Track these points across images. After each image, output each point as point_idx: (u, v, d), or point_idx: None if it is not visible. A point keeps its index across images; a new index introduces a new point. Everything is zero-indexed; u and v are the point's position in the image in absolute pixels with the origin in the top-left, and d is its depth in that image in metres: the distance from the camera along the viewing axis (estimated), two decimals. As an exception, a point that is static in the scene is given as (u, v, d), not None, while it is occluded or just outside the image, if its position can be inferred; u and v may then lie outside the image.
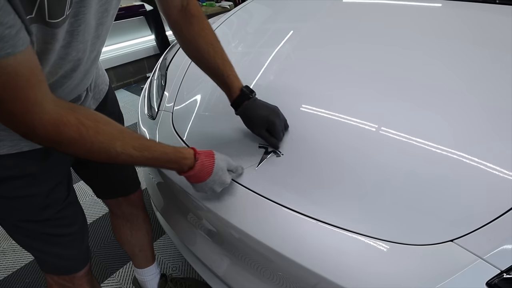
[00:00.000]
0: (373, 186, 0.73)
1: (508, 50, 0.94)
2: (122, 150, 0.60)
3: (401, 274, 0.60)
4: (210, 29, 0.86)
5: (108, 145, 0.59)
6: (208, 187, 0.75)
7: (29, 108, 0.49)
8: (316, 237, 0.68)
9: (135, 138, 0.64)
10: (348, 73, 1.02)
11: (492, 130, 0.76)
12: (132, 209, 1.13)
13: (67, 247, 0.83)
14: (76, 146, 0.56)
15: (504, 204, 0.63)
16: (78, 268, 0.88)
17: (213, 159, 0.75)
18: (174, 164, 0.71)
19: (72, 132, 0.54)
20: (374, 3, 1.38)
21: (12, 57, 0.44)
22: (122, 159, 0.62)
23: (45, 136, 0.53)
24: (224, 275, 0.91)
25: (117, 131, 0.61)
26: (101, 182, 1.04)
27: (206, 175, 0.73)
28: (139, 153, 0.63)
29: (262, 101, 0.88)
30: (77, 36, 0.58)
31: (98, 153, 0.59)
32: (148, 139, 0.68)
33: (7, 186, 0.69)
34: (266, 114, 0.84)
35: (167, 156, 0.69)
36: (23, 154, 0.68)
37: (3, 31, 0.42)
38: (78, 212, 0.86)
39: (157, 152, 0.67)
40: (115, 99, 1.01)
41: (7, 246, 1.70)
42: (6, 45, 0.43)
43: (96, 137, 0.57)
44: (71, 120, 0.54)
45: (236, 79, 0.87)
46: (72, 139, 0.55)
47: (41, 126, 0.51)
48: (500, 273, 0.55)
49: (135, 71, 3.70)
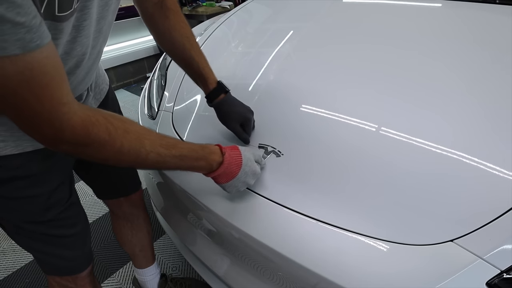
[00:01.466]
0: (373, 186, 0.73)
1: (508, 50, 0.94)
2: (151, 148, 0.58)
3: (401, 274, 0.60)
4: (185, 23, 0.86)
5: (138, 144, 0.57)
6: (241, 181, 0.73)
7: (56, 108, 0.46)
8: (316, 237, 0.68)
9: (160, 137, 0.62)
10: (348, 73, 1.02)
11: (492, 130, 0.76)
12: (133, 209, 1.13)
13: (70, 248, 0.83)
14: (106, 148, 0.53)
15: (504, 204, 0.63)
16: (81, 269, 0.88)
17: (239, 150, 0.73)
18: (203, 160, 0.67)
19: (101, 132, 0.52)
20: (374, 3, 1.38)
21: (38, 51, 0.42)
22: (151, 159, 0.59)
23: (73, 138, 0.50)
24: (224, 275, 0.91)
25: (143, 129, 0.59)
26: (102, 182, 1.04)
27: (236, 168, 0.71)
28: (167, 151, 0.61)
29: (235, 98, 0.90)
30: (82, 31, 0.58)
31: (128, 154, 0.56)
32: (172, 137, 0.66)
33: (10, 186, 0.69)
34: (243, 111, 0.87)
35: (195, 153, 0.66)
36: (26, 155, 0.68)
37: (30, 21, 0.40)
38: (80, 213, 0.86)
39: (184, 149, 0.65)
40: (115, 99, 1.01)
41: (7, 246, 1.70)
42: (35, 36, 0.41)
43: (125, 136, 0.55)
44: (99, 119, 0.52)
45: (212, 73, 0.89)
46: (102, 140, 0.52)
47: (69, 127, 0.48)
48: (500, 273, 0.55)
49: (135, 71, 3.70)
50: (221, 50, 1.35)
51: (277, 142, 0.87)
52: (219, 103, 0.88)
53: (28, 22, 0.39)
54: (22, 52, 0.40)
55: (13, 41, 0.39)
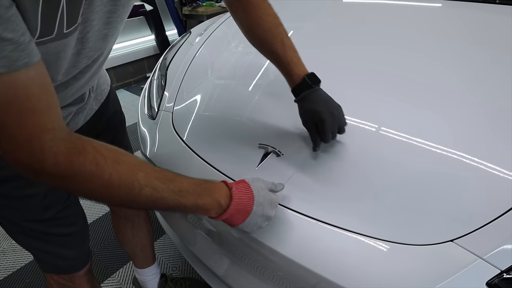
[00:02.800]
0: (373, 186, 0.73)
1: (508, 50, 0.94)
2: (145, 182, 0.51)
3: (401, 274, 0.60)
4: (267, 14, 0.80)
5: (130, 176, 0.50)
6: (259, 215, 0.63)
7: (38, 134, 0.42)
8: (316, 237, 0.68)
9: (157, 170, 0.55)
10: (349, 73, 1.02)
11: (492, 130, 0.76)
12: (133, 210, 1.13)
13: (68, 246, 0.83)
14: (92, 180, 0.47)
15: (504, 204, 0.63)
16: (78, 268, 0.88)
17: (246, 182, 0.63)
18: (207, 196, 0.58)
19: (87, 162, 0.46)
20: (374, 3, 1.38)
21: (24, 70, 0.38)
22: (145, 193, 0.51)
23: (55, 169, 0.44)
24: (224, 275, 0.91)
25: (137, 161, 0.52)
26: None
27: (249, 201, 0.61)
28: (164, 186, 0.53)
29: (325, 94, 0.79)
30: (86, 43, 0.57)
31: (118, 187, 0.49)
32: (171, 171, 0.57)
33: (11, 185, 0.69)
34: (320, 110, 0.75)
35: (198, 187, 0.57)
36: None
37: (18, 38, 0.37)
38: (79, 212, 0.86)
39: (184, 183, 0.56)
40: (117, 98, 1.01)
41: (7, 246, 1.70)
42: (23, 54, 0.38)
43: (115, 167, 0.48)
44: (87, 148, 0.47)
45: (298, 66, 0.79)
46: (88, 171, 0.46)
47: (51, 156, 0.43)
48: (500, 273, 0.55)
49: (135, 71, 3.70)
50: (221, 50, 1.35)
51: (277, 142, 0.87)
52: (300, 100, 0.79)
53: (16, 39, 0.37)
54: (6, 71, 0.37)
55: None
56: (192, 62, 1.29)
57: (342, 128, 0.79)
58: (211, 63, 1.30)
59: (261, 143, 0.88)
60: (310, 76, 0.79)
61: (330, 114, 0.76)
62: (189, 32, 1.63)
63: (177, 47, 1.48)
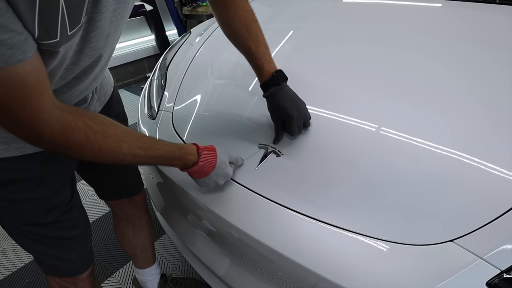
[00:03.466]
0: (373, 186, 0.73)
1: (508, 50, 0.94)
2: (128, 151, 0.61)
3: (401, 274, 0.60)
4: (245, 10, 0.83)
5: (115, 147, 0.60)
6: (212, 180, 0.76)
7: (36, 116, 0.50)
8: (316, 237, 0.68)
9: (139, 138, 0.65)
10: (349, 73, 1.02)
11: (492, 130, 0.76)
12: (135, 211, 1.13)
13: (71, 249, 0.83)
14: (84, 151, 0.57)
15: (504, 204, 0.63)
16: (81, 270, 0.88)
17: (215, 153, 0.76)
18: (179, 160, 0.71)
19: (80, 137, 0.55)
20: (374, 3, 1.38)
21: (20, 65, 0.44)
22: (128, 160, 0.63)
23: (52, 142, 0.53)
24: (224, 275, 0.91)
25: (122, 132, 0.61)
26: (105, 184, 1.04)
27: (210, 168, 0.74)
28: (144, 153, 0.64)
29: (291, 91, 0.85)
30: (89, 42, 0.58)
31: (105, 156, 0.60)
32: (151, 137, 0.70)
33: (12, 189, 0.69)
34: (287, 106, 0.82)
35: (172, 154, 0.70)
36: (28, 157, 0.68)
37: (13, 37, 0.41)
38: (81, 215, 0.86)
39: (161, 150, 0.68)
40: (120, 100, 1.01)
41: (7, 246, 1.70)
42: (18, 52, 0.43)
43: (103, 141, 0.58)
44: (79, 124, 0.54)
45: (268, 63, 0.84)
46: (80, 144, 0.55)
47: (49, 132, 0.52)
48: (500, 273, 0.55)
49: (135, 71, 3.70)
50: (221, 50, 1.35)
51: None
52: (268, 96, 0.85)
53: (11, 39, 0.41)
54: (3, 66, 0.43)
55: None
56: (192, 62, 1.29)
57: (307, 122, 0.86)
58: (211, 63, 1.30)
59: (261, 143, 0.88)
60: (278, 73, 0.84)
61: (296, 110, 0.82)
62: (189, 32, 1.63)
63: (177, 47, 1.48)
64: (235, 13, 0.82)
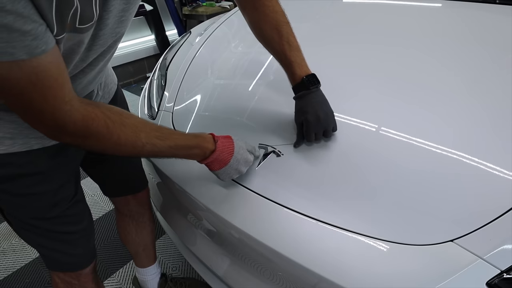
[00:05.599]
0: (373, 186, 0.73)
1: (508, 50, 0.94)
2: (146, 140, 0.62)
3: (401, 274, 0.60)
4: (275, 12, 0.81)
5: (134, 137, 0.60)
6: (233, 168, 0.75)
7: (59, 107, 0.51)
8: (316, 237, 0.68)
9: (156, 128, 0.66)
10: (349, 73, 1.02)
11: (493, 130, 0.76)
12: (139, 208, 1.14)
13: (74, 244, 0.84)
14: (104, 140, 0.58)
15: (504, 204, 0.63)
16: (84, 265, 0.89)
17: (232, 139, 0.75)
18: (196, 148, 0.70)
19: (100, 126, 0.56)
20: (374, 3, 1.38)
21: (43, 56, 0.45)
22: (147, 150, 0.63)
23: (74, 132, 0.54)
24: (224, 275, 0.91)
25: (139, 122, 0.63)
26: (110, 180, 1.04)
27: (228, 155, 0.73)
28: (162, 142, 0.64)
29: (320, 97, 0.82)
30: (98, 40, 0.59)
31: (125, 145, 0.60)
32: (167, 128, 0.70)
33: (17, 183, 0.70)
34: (307, 111, 0.80)
35: (189, 141, 0.70)
36: (34, 152, 0.69)
37: (36, 28, 0.42)
38: (85, 210, 0.87)
39: (178, 139, 0.68)
40: (124, 98, 1.02)
41: (7, 246, 1.70)
42: (41, 43, 0.44)
43: (122, 130, 0.59)
44: (98, 114, 0.56)
45: (300, 67, 0.82)
46: (100, 133, 0.56)
47: (71, 123, 0.53)
48: (500, 273, 0.55)
49: (135, 71, 3.70)
50: (221, 50, 1.35)
51: (277, 142, 0.87)
52: (296, 99, 0.84)
53: (34, 30, 0.42)
54: (28, 58, 0.44)
55: (21, 47, 0.42)
56: (192, 62, 1.29)
57: (328, 132, 0.81)
58: (211, 63, 1.30)
59: (261, 143, 0.88)
60: (309, 77, 0.81)
61: (315, 116, 0.79)
62: (189, 32, 1.63)
63: (177, 47, 1.48)
64: (264, 16, 0.81)
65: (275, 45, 0.82)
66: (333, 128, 0.82)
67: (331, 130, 0.82)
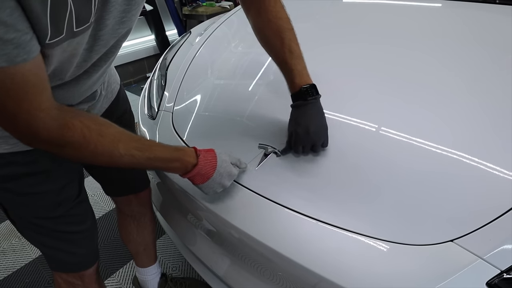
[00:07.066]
0: (373, 186, 0.73)
1: (508, 50, 0.94)
2: (124, 151, 0.61)
3: (401, 274, 0.60)
4: (279, 18, 0.80)
5: (111, 147, 0.60)
6: (217, 182, 0.74)
7: (33, 114, 0.50)
8: (316, 237, 0.68)
9: (135, 139, 0.64)
10: (349, 73, 1.02)
11: (493, 130, 0.76)
12: (141, 208, 1.14)
13: (78, 244, 0.84)
14: (80, 150, 0.57)
15: (504, 204, 0.63)
16: (87, 266, 0.89)
17: (214, 153, 0.74)
18: (177, 162, 0.70)
19: (76, 135, 0.55)
20: (374, 3, 1.38)
21: (22, 65, 0.44)
22: (125, 161, 0.62)
23: (48, 140, 0.54)
24: (224, 275, 0.91)
25: (118, 132, 0.62)
26: (113, 180, 1.04)
27: (211, 169, 0.72)
28: (141, 153, 0.63)
29: (316, 109, 0.79)
30: (99, 41, 0.59)
31: (101, 155, 0.59)
32: (148, 139, 0.69)
33: (21, 182, 0.70)
34: (299, 123, 0.79)
35: (169, 155, 0.69)
36: (37, 151, 0.69)
37: (20, 37, 0.42)
38: (88, 211, 0.87)
39: (158, 151, 0.67)
40: (126, 97, 1.02)
41: (7, 246, 1.70)
42: (23, 52, 0.43)
43: (99, 140, 0.58)
44: (75, 123, 0.55)
45: (300, 75, 0.79)
46: (76, 143, 0.56)
47: (45, 130, 0.52)
48: (500, 273, 0.55)
49: (135, 71, 3.70)
50: (221, 50, 1.35)
51: (277, 142, 0.87)
52: (292, 108, 0.82)
53: (16, 39, 0.42)
54: (7, 65, 0.43)
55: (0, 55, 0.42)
56: (192, 62, 1.29)
57: (316, 146, 0.79)
58: (211, 63, 1.30)
59: (261, 143, 0.88)
60: (308, 88, 0.78)
61: (305, 129, 0.77)
62: (189, 32, 1.63)
63: (177, 47, 1.48)
64: (268, 22, 0.79)
65: (276, 52, 0.81)
66: (323, 144, 0.80)
67: (320, 145, 0.80)
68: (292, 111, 0.83)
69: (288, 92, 0.84)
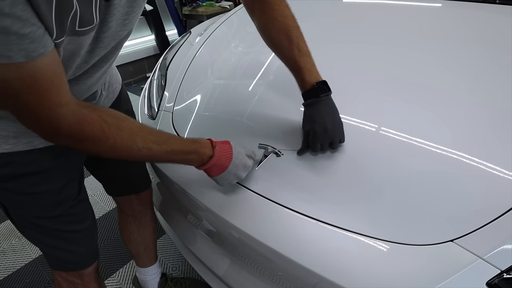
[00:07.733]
0: (373, 186, 0.73)
1: (508, 50, 0.94)
2: (142, 145, 0.61)
3: (401, 274, 0.60)
4: (284, 16, 0.79)
5: (130, 141, 0.60)
6: (232, 174, 0.74)
7: (54, 110, 0.51)
8: (316, 237, 0.68)
9: (153, 132, 0.65)
10: (349, 73, 1.02)
11: (493, 130, 0.76)
12: (142, 207, 1.14)
13: (77, 243, 0.84)
14: (99, 144, 0.57)
15: (504, 204, 0.63)
16: (87, 264, 0.89)
17: (230, 144, 0.74)
18: (193, 154, 0.70)
19: (95, 130, 0.56)
20: (373, 3, 1.38)
21: (41, 59, 0.45)
22: (143, 154, 0.63)
23: (69, 135, 0.54)
24: (224, 275, 0.91)
25: (136, 126, 0.62)
26: (115, 179, 1.05)
27: (227, 161, 0.72)
28: (158, 147, 0.64)
29: (330, 106, 0.79)
30: (100, 43, 0.59)
31: (120, 149, 0.60)
32: (165, 132, 0.69)
33: (22, 182, 0.70)
34: (315, 121, 0.78)
35: (187, 147, 0.69)
36: (37, 151, 0.69)
37: (35, 31, 0.42)
38: (88, 210, 0.87)
39: (175, 144, 0.67)
40: (128, 97, 1.02)
41: (7, 246, 1.70)
42: (39, 46, 0.44)
43: (118, 134, 0.58)
44: (94, 118, 0.56)
45: (310, 73, 0.78)
46: (95, 137, 0.56)
47: (66, 126, 0.53)
48: (500, 273, 0.55)
49: (135, 71, 3.70)
50: (221, 50, 1.35)
51: (277, 142, 0.87)
52: (305, 106, 0.81)
53: (32, 33, 0.42)
54: (25, 60, 0.44)
55: (18, 50, 0.42)
56: (192, 62, 1.29)
57: (334, 143, 0.79)
58: (211, 63, 1.30)
59: (261, 143, 0.88)
60: (320, 84, 0.78)
61: (323, 127, 0.77)
62: (189, 32, 1.63)
63: (177, 47, 1.48)
64: (273, 20, 0.78)
65: (284, 51, 0.80)
66: (340, 140, 0.79)
67: (338, 141, 0.79)
68: (305, 110, 0.81)
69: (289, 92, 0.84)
